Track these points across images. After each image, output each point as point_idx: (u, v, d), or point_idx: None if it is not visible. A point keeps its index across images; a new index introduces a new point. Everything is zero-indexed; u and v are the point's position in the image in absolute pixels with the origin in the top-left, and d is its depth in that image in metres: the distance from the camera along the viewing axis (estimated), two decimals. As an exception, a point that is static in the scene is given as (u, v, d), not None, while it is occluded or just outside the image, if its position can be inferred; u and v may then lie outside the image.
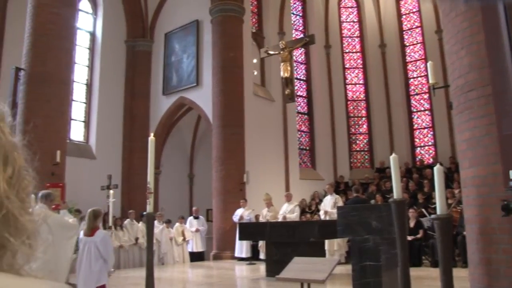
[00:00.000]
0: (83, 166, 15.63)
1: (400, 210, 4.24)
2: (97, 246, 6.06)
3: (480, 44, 4.52)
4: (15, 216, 0.66)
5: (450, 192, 11.71)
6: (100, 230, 6.39)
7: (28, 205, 0.70)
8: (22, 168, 0.70)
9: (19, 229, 0.67)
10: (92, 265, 6.06)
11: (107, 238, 6.34)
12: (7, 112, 0.71)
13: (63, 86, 12.33)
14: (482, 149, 4.47)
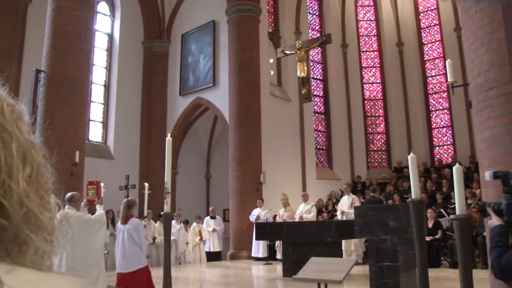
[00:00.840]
0: (101, 166, 15.75)
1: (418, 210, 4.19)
2: (130, 233, 6.58)
3: (501, 41, 4.45)
4: (35, 214, 0.67)
5: (470, 192, 11.56)
6: (133, 219, 6.80)
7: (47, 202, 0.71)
8: (40, 165, 0.71)
9: (39, 226, 0.68)
10: (126, 251, 6.60)
11: (139, 226, 6.81)
12: (24, 111, 0.72)
13: (82, 87, 12.45)
14: (503, 148, 4.40)
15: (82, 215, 6.74)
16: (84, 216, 6.70)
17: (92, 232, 6.63)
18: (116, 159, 16.61)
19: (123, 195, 10.03)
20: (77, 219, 6.43)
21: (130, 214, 6.82)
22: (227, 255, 14.36)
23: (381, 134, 20.83)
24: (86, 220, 6.61)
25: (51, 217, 0.71)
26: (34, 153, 0.70)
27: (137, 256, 6.61)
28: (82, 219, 6.55)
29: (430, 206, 12.06)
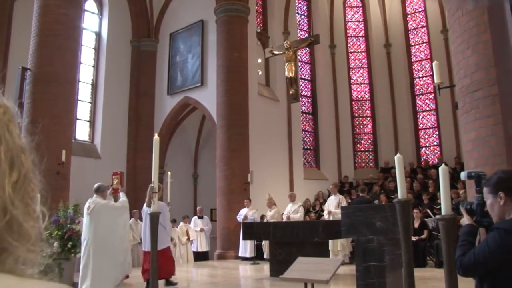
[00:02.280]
0: (88, 165, 15.66)
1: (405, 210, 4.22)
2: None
3: (486, 43, 4.50)
4: (19, 222, 0.65)
5: (455, 192, 11.67)
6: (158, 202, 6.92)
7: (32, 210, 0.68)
8: (28, 171, 0.69)
9: (22, 235, 0.65)
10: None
11: (165, 209, 8.03)
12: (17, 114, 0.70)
13: (69, 86, 12.36)
14: (488, 149, 4.45)
15: (107, 202, 7.58)
16: (109, 203, 7.53)
17: (117, 217, 7.48)
18: (103, 158, 16.51)
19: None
20: (103, 206, 7.38)
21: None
22: (215, 255, 14.35)
23: (368, 134, 20.93)
24: (111, 207, 7.46)
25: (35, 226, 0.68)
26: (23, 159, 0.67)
27: (162, 236, 7.59)
28: (108, 206, 7.43)
29: (416, 206, 12.14)
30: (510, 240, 2.12)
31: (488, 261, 2.20)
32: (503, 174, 2.32)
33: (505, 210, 2.28)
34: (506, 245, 2.13)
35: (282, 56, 12.93)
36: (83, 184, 14.27)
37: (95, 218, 7.35)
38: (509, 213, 2.27)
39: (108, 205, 7.49)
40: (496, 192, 2.30)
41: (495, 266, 2.19)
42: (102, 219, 7.30)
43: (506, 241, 2.13)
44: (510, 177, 2.29)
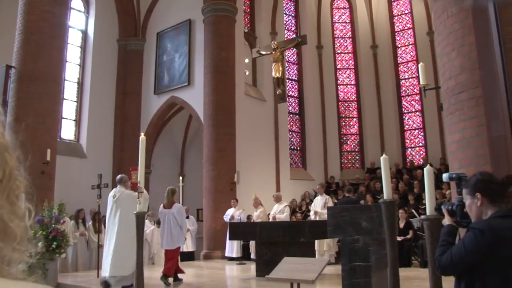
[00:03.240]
0: (74, 165, 15.55)
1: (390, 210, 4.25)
2: (174, 216, 8.58)
3: (471, 45, 4.55)
4: (5, 221, 0.64)
5: (440, 193, 11.77)
6: (176, 204, 8.92)
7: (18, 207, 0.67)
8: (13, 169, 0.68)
9: (8, 234, 0.65)
10: (172, 231, 8.55)
11: (182, 210, 8.96)
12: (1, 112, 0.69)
13: (54, 84, 12.26)
14: (472, 150, 4.49)
15: (131, 192, 8.03)
16: (133, 193, 7.84)
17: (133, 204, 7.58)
18: (89, 157, 16.39)
19: (96, 194, 9.91)
20: (127, 196, 7.99)
21: (173, 200, 8.88)
22: (201, 255, 14.31)
23: (355, 135, 21.03)
24: (132, 196, 7.70)
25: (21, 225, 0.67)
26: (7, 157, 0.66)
27: (179, 236, 8.65)
28: (131, 196, 7.81)
29: (402, 206, 12.22)
30: (485, 240, 2.17)
31: (464, 261, 2.25)
32: (480, 176, 2.37)
33: (482, 210, 2.35)
34: (481, 245, 2.18)
35: (269, 56, 12.92)
36: (68, 183, 14.20)
37: (120, 205, 7.99)
38: (486, 214, 2.33)
39: (132, 195, 7.88)
40: (473, 194, 2.36)
41: (471, 266, 2.24)
42: (126, 207, 7.83)
43: (481, 241, 2.18)
44: (487, 179, 2.35)
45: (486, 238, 2.16)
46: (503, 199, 2.32)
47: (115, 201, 8.08)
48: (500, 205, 2.30)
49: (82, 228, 11.70)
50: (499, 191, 2.31)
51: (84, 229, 11.70)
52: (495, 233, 2.17)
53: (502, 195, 2.32)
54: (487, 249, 2.16)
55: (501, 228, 2.20)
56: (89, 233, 11.71)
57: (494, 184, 2.33)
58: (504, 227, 2.20)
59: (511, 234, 2.18)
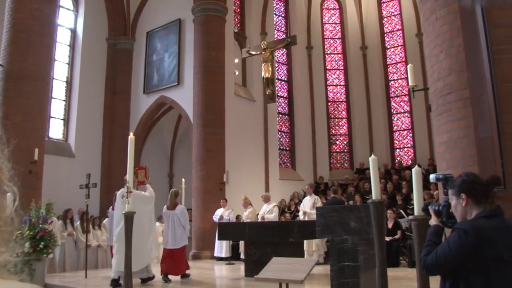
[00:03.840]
0: (62, 164, 15.45)
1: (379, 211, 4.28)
2: (178, 217, 9.19)
3: (459, 47, 4.59)
4: None
5: (428, 193, 11.84)
6: (179, 205, 9.54)
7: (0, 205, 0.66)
8: None
9: None
10: (176, 231, 9.11)
11: (185, 211, 9.50)
12: None
13: (43, 83, 12.17)
14: (460, 151, 4.53)
15: (139, 192, 8.65)
16: (141, 193, 8.62)
17: (147, 205, 8.63)
18: (77, 157, 16.28)
19: (84, 193, 9.85)
20: (135, 195, 7.93)
21: (176, 202, 9.50)
22: (190, 255, 14.27)
23: (344, 135, 21.10)
24: (142, 196, 8.54)
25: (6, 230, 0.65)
26: None
27: (183, 235, 9.19)
28: (140, 195, 8.42)
29: (390, 207, 12.29)
30: (469, 240, 2.20)
31: (449, 261, 2.28)
32: (466, 176, 2.41)
33: (467, 211, 2.38)
34: (465, 245, 2.21)
35: (259, 56, 12.92)
36: (56, 183, 14.10)
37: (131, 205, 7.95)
38: (471, 214, 2.36)
39: (140, 194, 8.56)
40: (458, 194, 2.40)
41: (456, 265, 2.26)
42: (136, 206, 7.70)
43: (465, 241, 2.21)
44: (472, 179, 2.38)
45: (470, 238, 2.19)
46: (487, 199, 2.35)
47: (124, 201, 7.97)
48: (484, 205, 2.34)
49: (70, 228, 11.61)
50: (483, 192, 2.35)
51: (72, 229, 11.61)
52: (479, 233, 2.20)
53: (487, 195, 2.35)
54: (471, 249, 2.19)
55: (485, 228, 2.23)
56: (77, 233, 11.62)
57: (478, 185, 2.36)
58: (488, 227, 2.23)
59: (494, 234, 2.22)
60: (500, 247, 2.20)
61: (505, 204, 3.99)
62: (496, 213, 2.32)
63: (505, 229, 2.27)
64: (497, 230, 2.24)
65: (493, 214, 2.30)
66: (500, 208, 2.36)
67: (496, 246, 2.20)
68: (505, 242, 2.23)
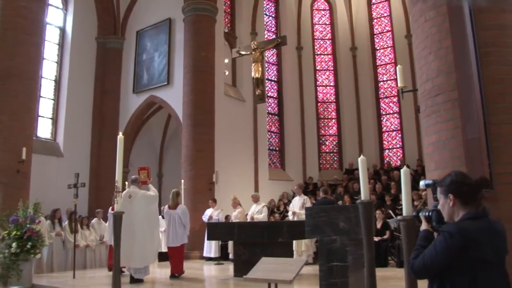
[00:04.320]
0: (50, 164, 15.34)
1: (367, 211, 4.30)
2: (179, 216, 9.61)
3: (448, 49, 4.62)
4: None
5: (416, 194, 11.91)
6: (181, 205, 9.99)
7: None
8: None
9: None
10: (177, 229, 9.53)
11: (185, 210, 9.91)
12: None
13: (31, 81, 12.09)
14: (448, 152, 4.56)
15: (144, 192, 9.08)
16: (146, 193, 9.06)
17: (151, 204, 9.04)
18: (66, 156, 16.18)
19: (72, 193, 9.79)
20: (141, 195, 8.92)
21: (178, 202, 9.93)
22: (179, 255, 14.23)
23: (333, 136, 21.16)
24: (146, 196, 9.00)
25: None
26: None
27: (183, 234, 9.63)
28: (146, 195, 8.98)
29: (379, 207, 12.34)
30: (454, 242, 2.22)
31: (436, 263, 2.30)
32: (455, 176, 2.42)
33: (454, 211, 2.41)
34: (451, 247, 2.23)
35: (249, 56, 12.92)
36: (45, 182, 14.01)
37: (136, 205, 8.73)
38: (458, 214, 2.39)
39: (146, 194, 9.04)
40: (446, 194, 2.42)
41: (442, 268, 2.28)
42: (141, 206, 8.78)
43: (450, 243, 2.23)
44: (460, 180, 2.39)
45: (455, 241, 2.21)
46: (475, 201, 2.36)
47: (132, 201, 8.76)
48: (471, 207, 2.35)
49: (58, 228, 11.52)
50: (471, 194, 2.36)
51: (60, 229, 11.53)
52: (464, 235, 2.22)
53: (474, 197, 2.37)
54: (457, 251, 2.21)
55: (470, 230, 2.25)
56: (65, 233, 11.54)
57: (466, 186, 2.37)
58: (473, 229, 2.25)
59: (480, 235, 2.24)
60: (486, 249, 2.23)
61: (493, 204, 4.03)
62: (482, 214, 2.34)
63: (491, 230, 2.29)
64: (483, 231, 2.26)
65: (479, 216, 2.33)
66: (486, 209, 2.38)
67: (481, 247, 2.22)
68: (491, 243, 2.25)
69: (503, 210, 4.11)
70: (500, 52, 4.49)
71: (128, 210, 8.41)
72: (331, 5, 22.08)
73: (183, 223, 9.64)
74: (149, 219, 8.90)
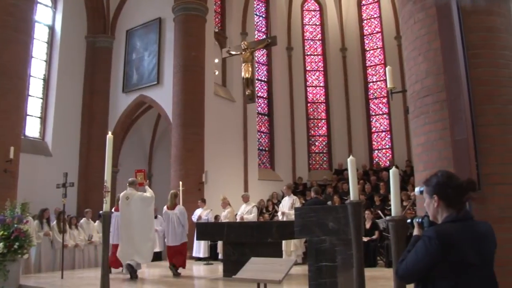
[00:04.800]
0: (39, 163, 15.23)
1: (356, 211, 4.32)
2: (178, 216, 10.10)
3: (436, 50, 4.65)
4: None
5: (405, 194, 11.97)
6: (179, 205, 10.51)
7: None
8: None
9: None
10: (176, 229, 10.01)
11: (183, 210, 10.36)
12: None
13: (19, 80, 11.97)
14: (436, 153, 4.59)
15: (141, 194, 9.53)
16: (142, 195, 9.49)
17: (147, 206, 9.52)
18: (55, 156, 16.06)
19: (61, 193, 9.72)
20: (138, 197, 9.39)
21: (176, 203, 10.41)
22: (168, 255, 14.19)
23: (323, 136, 21.21)
24: (143, 197, 9.44)
25: None
26: None
27: (182, 233, 10.07)
28: (141, 197, 9.41)
29: (368, 207, 12.39)
30: (433, 247, 2.23)
31: (418, 268, 2.31)
32: (441, 178, 2.42)
33: (438, 211, 2.42)
34: (430, 251, 2.24)
35: (239, 56, 12.92)
36: (33, 182, 13.90)
37: (133, 206, 9.29)
38: (442, 215, 2.40)
39: (143, 196, 9.48)
40: (431, 194, 2.43)
41: (426, 272, 2.30)
42: (139, 207, 9.34)
43: (430, 247, 2.24)
44: (445, 182, 2.39)
45: (434, 245, 2.22)
46: (459, 204, 2.37)
47: (129, 203, 9.35)
48: (454, 209, 2.36)
49: (47, 228, 11.42)
50: (455, 197, 2.37)
51: (49, 229, 11.44)
52: (443, 239, 2.23)
53: (459, 200, 2.37)
54: (437, 255, 2.22)
55: (449, 233, 2.25)
56: (54, 233, 11.45)
57: (451, 189, 2.37)
58: (453, 232, 2.26)
59: (460, 238, 2.25)
60: (467, 252, 2.23)
61: (480, 205, 4.07)
62: (464, 217, 2.35)
63: (472, 233, 2.29)
64: (463, 234, 2.26)
65: (459, 218, 2.33)
66: (468, 212, 2.39)
67: (462, 251, 2.22)
68: (473, 246, 2.25)
69: (490, 211, 4.15)
70: (488, 54, 4.53)
71: (126, 211, 9.34)
72: (321, 6, 22.14)
73: (182, 223, 10.11)
74: (145, 219, 9.46)
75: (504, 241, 2.42)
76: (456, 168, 4.23)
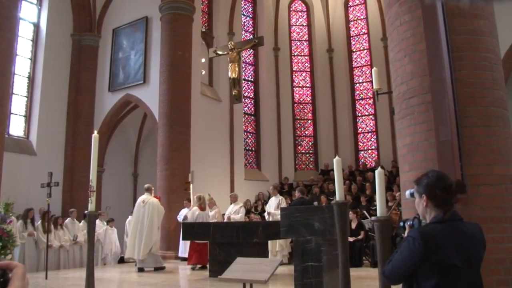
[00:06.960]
0: (23, 162, 15.07)
1: (342, 211, 4.34)
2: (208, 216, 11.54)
3: (422, 52, 4.70)
4: None
5: (391, 195, 12.05)
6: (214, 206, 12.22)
7: None
8: None
9: None
10: None
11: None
12: None
13: (3, 78, 11.86)
14: (421, 154, 4.63)
15: (158, 202, 10.97)
16: (159, 204, 10.95)
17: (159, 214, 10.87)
18: (39, 155, 15.90)
19: (46, 192, 9.63)
20: (155, 202, 10.85)
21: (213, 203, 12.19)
22: (153, 255, 14.12)
23: (309, 137, 21.29)
24: (159, 206, 10.90)
25: None
26: None
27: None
28: (158, 204, 10.86)
29: (354, 208, 12.45)
30: (416, 247, 2.25)
31: (402, 269, 2.33)
32: (431, 178, 2.44)
33: (426, 211, 2.45)
34: (414, 252, 2.26)
35: (226, 56, 12.91)
36: (17, 181, 13.76)
37: (147, 209, 10.65)
38: (430, 215, 2.42)
39: (159, 205, 10.92)
40: (421, 194, 2.46)
41: (411, 273, 2.32)
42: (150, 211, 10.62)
43: (413, 248, 2.26)
44: (434, 183, 2.41)
45: (417, 246, 2.24)
46: (447, 205, 2.39)
47: (144, 206, 10.71)
48: (441, 210, 2.38)
49: (31, 228, 11.31)
50: (444, 198, 2.39)
51: (33, 229, 11.32)
52: (426, 240, 2.24)
53: (447, 202, 2.39)
54: (421, 255, 2.24)
55: (433, 234, 2.27)
56: (38, 233, 11.34)
57: (440, 190, 2.38)
58: (437, 234, 2.28)
59: (444, 240, 2.26)
60: (449, 253, 2.24)
61: (464, 206, 4.12)
62: (450, 218, 2.37)
63: (457, 234, 2.31)
64: (448, 235, 2.28)
65: (445, 220, 2.35)
66: (456, 213, 2.41)
67: (445, 252, 2.24)
68: (457, 247, 2.26)
69: (473, 211, 4.21)
70: (472, 57, 4.59)
71: (139, 213, 10.70)
72: (308, 6, 22.21)
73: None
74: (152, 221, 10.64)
75: (487, 241, 2.44)
76: (440, 169, 4.26)
